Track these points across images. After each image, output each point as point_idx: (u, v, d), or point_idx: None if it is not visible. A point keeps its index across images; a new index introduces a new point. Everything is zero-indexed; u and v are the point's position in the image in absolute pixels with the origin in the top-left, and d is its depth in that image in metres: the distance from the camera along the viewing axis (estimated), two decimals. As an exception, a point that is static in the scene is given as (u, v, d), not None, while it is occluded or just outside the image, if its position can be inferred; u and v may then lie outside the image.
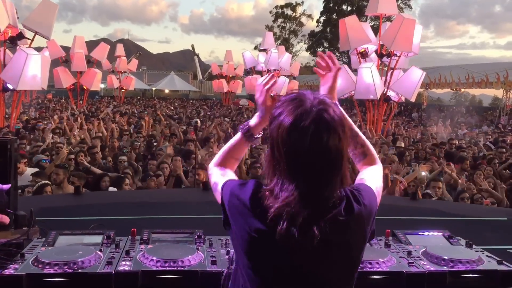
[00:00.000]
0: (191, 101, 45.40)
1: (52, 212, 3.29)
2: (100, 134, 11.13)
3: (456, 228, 3.09)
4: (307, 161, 1.36)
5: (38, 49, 17.32)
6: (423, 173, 6.31)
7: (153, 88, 54.75)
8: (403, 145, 10.99)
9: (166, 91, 55.55)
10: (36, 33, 13.93)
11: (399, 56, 15.21)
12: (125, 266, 2.12)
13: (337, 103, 1.57)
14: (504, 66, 27.16)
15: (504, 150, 10.49)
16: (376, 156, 1.83)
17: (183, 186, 6.43)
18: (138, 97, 46.11)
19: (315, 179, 1.38)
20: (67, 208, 3.45)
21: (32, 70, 12.47)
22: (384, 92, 15.41)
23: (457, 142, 11.67)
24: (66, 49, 25.46)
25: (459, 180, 6.89)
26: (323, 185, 1.39)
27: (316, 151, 1.35)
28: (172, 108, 29.37)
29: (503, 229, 3.45)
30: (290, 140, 1.36)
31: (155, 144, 9.85)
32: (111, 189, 5.27)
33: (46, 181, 4.92)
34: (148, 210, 3.40)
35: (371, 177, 1.73)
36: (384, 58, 15.52)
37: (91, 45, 29.77)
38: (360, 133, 1.84)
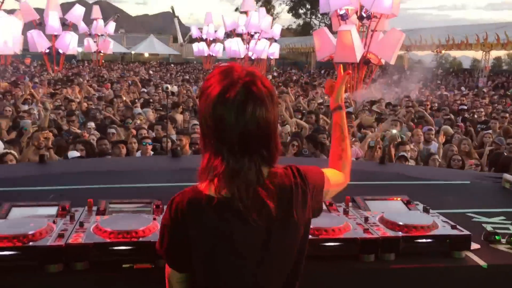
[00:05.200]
0: (171, 64, 44.69)
1: (13, 182, 3.23)
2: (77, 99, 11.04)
3: (418, 193, 3.11)
4: (234, 134, 1.32)
5: (11, 11, 16.74)
6: (394, 131, 6.40)
7: (132, 52, 53.71)
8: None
9: (146, 54, 54.55)
10: (5, -5, 13.44)
11: (379, 18, 15.08)
12: (77, 238, 2.09)
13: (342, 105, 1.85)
14: (483, 28, 27.21)
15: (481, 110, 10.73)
16: (348, 169, 1.83)
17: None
18: (118, 62, 45.29)
19: (244, 152, 1.34)
20: (28, 178, 3.39)
21: (2, 34, 12.09)
22: (364, 55, 15.34)
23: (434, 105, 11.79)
24: (40, 11, 24.67)
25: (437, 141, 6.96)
26: (252, 158, 1.35)
27: (242, 123, 1.31)
28: (151, 72, 28.92)
29: (465, 193, 3.48)
30: (217, 112, 1.32)
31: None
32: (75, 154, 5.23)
33: (7, 150, 4.82)
34: (112, 179, 3.35)
35: (331, 173, 1.71)
36: (365, 20, 15.37)
37: (66, 7, 28.90)
38: (348, 140, 1.88)
